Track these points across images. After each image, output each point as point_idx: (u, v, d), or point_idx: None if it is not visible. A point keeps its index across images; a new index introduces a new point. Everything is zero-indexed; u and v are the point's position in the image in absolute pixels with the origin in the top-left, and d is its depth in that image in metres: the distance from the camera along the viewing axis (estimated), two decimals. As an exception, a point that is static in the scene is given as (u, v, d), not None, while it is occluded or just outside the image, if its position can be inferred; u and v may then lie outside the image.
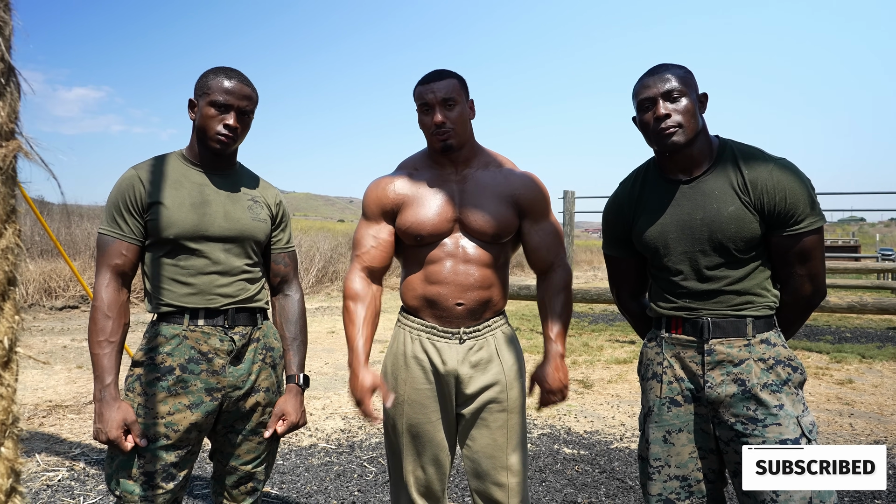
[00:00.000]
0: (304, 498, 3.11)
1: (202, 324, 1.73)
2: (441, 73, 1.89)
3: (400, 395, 1.91)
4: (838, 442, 4.07)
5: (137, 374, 1.71)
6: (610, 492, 3.23)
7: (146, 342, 1.74)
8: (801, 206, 1.58)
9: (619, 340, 8.24)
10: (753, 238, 1.62)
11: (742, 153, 1.65)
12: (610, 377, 6.01)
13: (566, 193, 12.39)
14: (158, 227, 1.70)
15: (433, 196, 1.90)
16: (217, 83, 1.72)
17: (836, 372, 6.25)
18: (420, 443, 1.90)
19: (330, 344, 7.90)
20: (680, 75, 1.65)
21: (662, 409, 1.73)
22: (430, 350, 1.89)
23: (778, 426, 1.58)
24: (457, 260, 1.88)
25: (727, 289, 1.65)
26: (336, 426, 4.35)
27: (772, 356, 1.63)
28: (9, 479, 0.88)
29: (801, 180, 1.59)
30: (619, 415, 4.73)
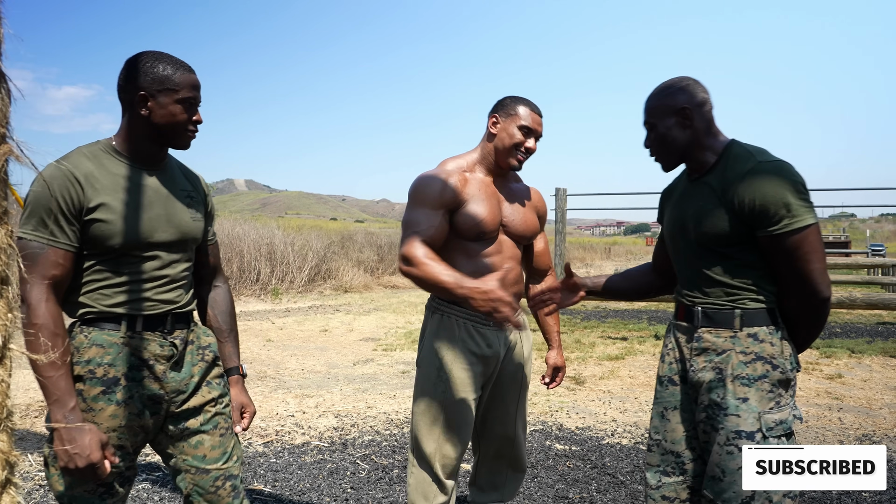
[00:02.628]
0: (297, 496, 3.12)
1: (140, 330, 1.61)
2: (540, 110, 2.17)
3: (445, 377, 2.09)
4: (827, 436, 4.11)
5: (79, 389, 1.55)
6: (601, 487, 3.25)
7: (80, 353, 1.57)
8: (773, 208, 1.60)
9: (610, 337, 8.28)
10: (730, 237, 1.68)
11: (734, 156, 1.71)
12: (602, 373, 6.04)
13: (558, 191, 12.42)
14: (101, 235, 1.54)
15: (486, 199, 2.13)
16: (183, 78, 1.60)
17: (825, 367, 6.30)
18: (453, 423, 2.09)
19: (322, 342, 7.91)
20: (650, 106, 1.82)
21: (660, 387, 1.89)
22: (475, 336, 2.11)
23: (737, 417, 1.66)
24: (502, 257, 2.15)
25: (716, 280, 1.74)
26: (329, 424, 4.36)
27: (754, 351, 1.68)
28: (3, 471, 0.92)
29: (779, 183, 1.61)
30: (611, 411, 4.76)
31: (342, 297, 13.96)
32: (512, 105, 2.14)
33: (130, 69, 1.58)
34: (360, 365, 6.54)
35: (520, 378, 2.26)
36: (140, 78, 1.56)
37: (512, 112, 2.13)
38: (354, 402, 4.99)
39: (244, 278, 14.03)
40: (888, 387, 5.50)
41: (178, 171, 1.77)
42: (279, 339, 8.18)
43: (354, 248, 18.31)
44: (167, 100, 1.58)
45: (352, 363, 6.64)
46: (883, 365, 6.45)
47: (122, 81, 1.60)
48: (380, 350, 7.38)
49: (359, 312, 11.05)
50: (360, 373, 6.14)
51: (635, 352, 7.16)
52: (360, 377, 5.93)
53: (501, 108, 2.15)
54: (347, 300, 13.30)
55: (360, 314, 10.79)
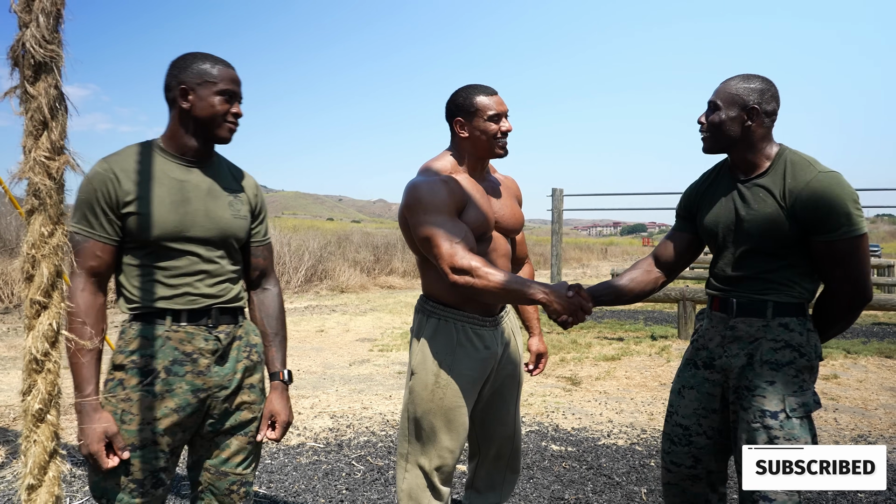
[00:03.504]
0: (292, 497, 3.10)
1: (185, 324, 1.66)
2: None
3: (443, 381, 2.03)
4: (823, 437, 4.11)
5: (119, 379, 1.61)
6: (597, 488, 3.24)
7: (126, 344, 1.64)
8: (833, 217, 1.74)
9: (607, 338, 8.28)
10: (785, 239, 1.82)
11: (792, 163, 1.84)
12: (598, 374, 6.04)
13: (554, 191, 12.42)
14: (137, 227, 1.60)
15: (480, 197, 2.07)
16: (221, 72, 1.67)
17: (821, 367, 6.30)
18: (452, 427, 2.05)
19: (318, 343, 7.89)
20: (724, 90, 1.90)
21: (683, 367, 2.10)
22: (473, 339, 2.06)
23: (763, 398, 1.82)
24: (497, 254, 2.10)
25: (754, 276, 1.89)
26: (324, 425, 4.35)
27: (784, 339, 1.83)
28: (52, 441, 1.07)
29: (837, 194, 1.75)
30: (607, 412, 4.76)
31: (338, 298, 13.94)
32: (468, 100, 2.04)
33: (174, 68, 1.67)
34: (356, 365, 6.53)
35: (517, 376, 2.26)
36: (182, 74, 1.66)
37: (472, 108, 2.03)
38: (350, 402, 4.98)
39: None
40: (883, 387, 5.51)
41: (225, 170, 1.82)
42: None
43: (351, 249, 18.30)
44: (206, 92, 1.65)
45: (348, 364, 6.63)
46: (878, 365, 6.46)
47: (166, 80, 1.68)
48: (376, 350, 7.37)
49: (355, 313, 11.03)
50: (355, 373, 6.13)
51: (631, 352, 7.16)
52: (356, 378, 5.92)
53: (460, 109, 2.06)
54: (344, 300, 13.28)
55: (357, 314, 10.78)
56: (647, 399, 5.13)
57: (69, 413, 4.41)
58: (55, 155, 0.96)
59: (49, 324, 1.03)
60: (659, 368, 6.31)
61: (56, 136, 0.95)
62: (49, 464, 1.03)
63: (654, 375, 6.00)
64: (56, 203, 0.98)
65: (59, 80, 0.95)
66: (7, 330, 8.57)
